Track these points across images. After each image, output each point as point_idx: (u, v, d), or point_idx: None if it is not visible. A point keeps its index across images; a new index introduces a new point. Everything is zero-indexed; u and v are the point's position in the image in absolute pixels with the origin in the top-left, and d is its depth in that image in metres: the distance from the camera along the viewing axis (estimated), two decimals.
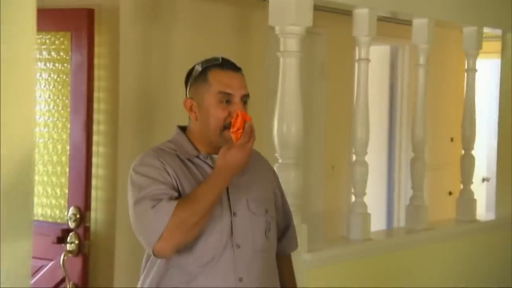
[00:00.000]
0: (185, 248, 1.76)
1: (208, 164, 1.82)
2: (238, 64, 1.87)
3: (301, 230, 2.63)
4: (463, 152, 3.81)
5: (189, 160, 1.82)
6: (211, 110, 1.80)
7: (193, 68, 1.86)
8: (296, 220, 2.32)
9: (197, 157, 1.83)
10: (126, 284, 3.07)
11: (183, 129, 1.88)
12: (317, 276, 2.85)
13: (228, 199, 1.81)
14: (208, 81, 1.81)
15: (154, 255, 1.74)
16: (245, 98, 1.82)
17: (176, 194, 1.75)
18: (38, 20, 1.21)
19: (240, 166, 1.74)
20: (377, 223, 4.61)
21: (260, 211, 1.85)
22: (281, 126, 2.73)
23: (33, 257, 2.84)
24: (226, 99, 1.79)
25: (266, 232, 1.85)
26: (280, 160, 2.74)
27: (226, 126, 1.78)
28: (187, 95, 1.87)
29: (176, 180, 1.77)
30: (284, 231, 2.02)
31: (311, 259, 2.79)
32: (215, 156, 1.81)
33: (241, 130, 1.72)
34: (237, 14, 3.69)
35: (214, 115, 1.79)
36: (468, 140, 3.78)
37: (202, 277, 1.76)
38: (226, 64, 1.84)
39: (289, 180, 2.66)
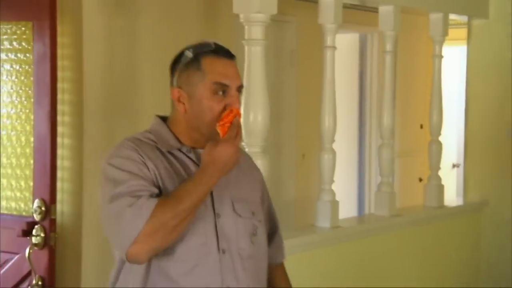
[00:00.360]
0: (165, 251, 1.57)
1: (190, 159, 1.65)
2: (232, 51, 1.68)
3: None
4: (430, 138, 3.83)
5: (170, 153, 1.64)
6: (205, 102, 1.62)
7: (181, 54, 1.65)
8: None
9: (179, 150, 1.65)
10: (94, 277, 3.05)
11: (163, 119, 1.69)
12: (286, 264, 2.85)
13: (212, 199, 1.64)
14: (201, 69, 1.62)
15: (127, 260, 1.55)
16: (240, 89, 1.66)
17: (157, 191, 1.57)
18: None
19: (229, 163, 1.58)
20: (349, 210, 4.64)
21: (246, 214, 1.68)
22: (248, 115, 2.72)
23: None
24: (222, 89, 1.62)
25: (252, 236, 1.68)
26: (246, 149, 2.73)
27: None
28: (174, 83, 1.65)
29: (156, 175, 1.59)
30: (270, 239, 1.83)
31: None
32: (199, 150, 1.64)
33: (228, 124, 1.60)
34: (204, 1, 3.66)
35: (209, 107, 1.62)
36: (435, 127, 3.80)
37: (186, 285, 1.58)
38: (220, 51, 1.65)
39: None
